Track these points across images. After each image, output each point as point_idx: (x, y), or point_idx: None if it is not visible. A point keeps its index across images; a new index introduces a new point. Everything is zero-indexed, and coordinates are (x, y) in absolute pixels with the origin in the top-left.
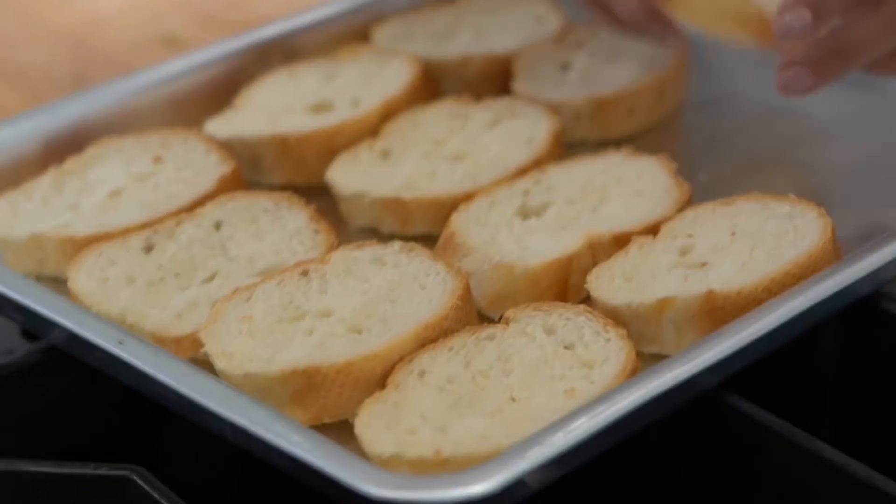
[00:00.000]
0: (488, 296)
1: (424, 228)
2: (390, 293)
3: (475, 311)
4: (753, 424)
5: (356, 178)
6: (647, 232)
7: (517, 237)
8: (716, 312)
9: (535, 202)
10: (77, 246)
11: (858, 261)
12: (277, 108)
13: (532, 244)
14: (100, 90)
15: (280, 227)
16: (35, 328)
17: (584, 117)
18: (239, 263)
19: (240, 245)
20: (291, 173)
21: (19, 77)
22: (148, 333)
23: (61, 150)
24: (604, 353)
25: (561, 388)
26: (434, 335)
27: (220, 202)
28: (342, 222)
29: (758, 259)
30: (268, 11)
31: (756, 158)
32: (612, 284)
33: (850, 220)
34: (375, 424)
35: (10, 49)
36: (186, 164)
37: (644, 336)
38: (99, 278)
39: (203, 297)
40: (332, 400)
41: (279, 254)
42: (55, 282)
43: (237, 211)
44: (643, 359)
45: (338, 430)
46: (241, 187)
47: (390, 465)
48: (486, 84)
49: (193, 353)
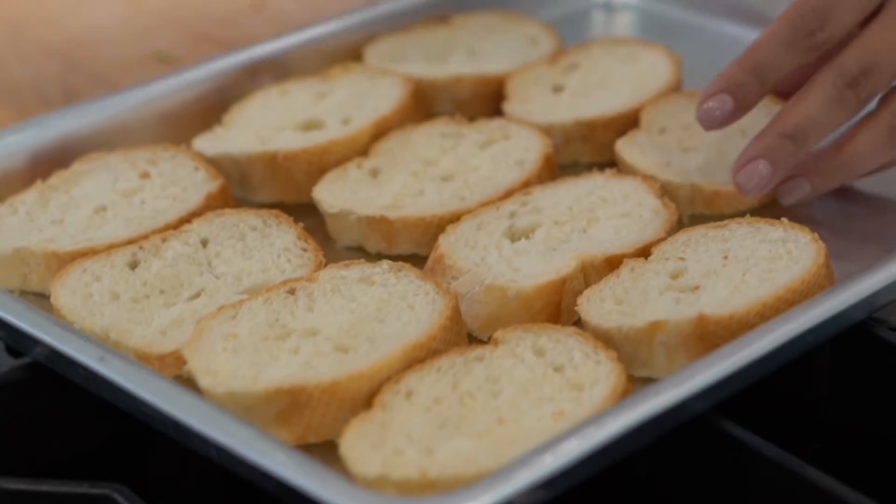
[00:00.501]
0: (480, 318)
1: (410, 248)
2: (378, 312)
3: (464, 332)
4: (745, 450)
5: (343, 195)
6: (639, 254)
7: (507, 259)
8: (707, 336)
9: (522, 224)
10: (61, 261)
11: (852, 286)
12: (267, 126)
13: (524, 266)
14: (88, 105)
15: (268, 245)
16: (17, 344)
17: (575, 140)
18: (225, 281)
19: (226, 262)
20: (280, 191)
21: (9, 93)
22: (132, 350)
23: (48, 164)
24: (594, 375)
25: (550, 411)
26: (422, 355)
27: (207, 219)
28: (331, 241)
29: (750, 283)
30: (261, 30)
31: None
32: (603, 307)
33: (843, 244)
34: (361, 445)
35: (0, 65)
36: (174, 181)
37: (635, 359)
38: (83, 294)
39: (188, 315)
40: (318, 420)
41: (266, 272)
42: (39, 297)
43: (224, 228)
44: (634, 382)
45: (323, 451)
46: (229, 205)
47: (376, 486)
48: (478, 105)
49: (177, 371)
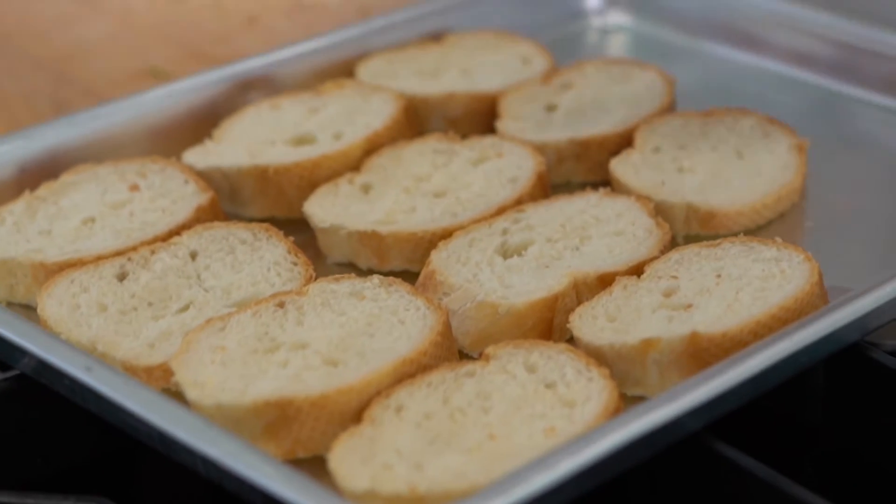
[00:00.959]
0: (471, 334)
1: (401, 264)
2: (368, 327)
3: (455, 348)
4: (736, 470)
5: (334, 210)
6: (632, 272)
7: (500, 276)
8: (700, 355)
9: (514, 241)
10: (49, 272)
11: (846, 307)
12: (258, 140)
13: (515, 283)
14: (77, 117)
15: (257, 259)
16: (3, 355)
17: (568, 159)
18: (214, 294)
19: (216, 275)
20: (270, 206)
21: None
22: (119, 362)
23: (36, 175)
24: (586, 392)
25: (541, 427)
26: (412, 370)
27: (196, 232)
28: (321, 257)
29: (743, 301)
30: (254, 47)
31: None
32: (596, 325)
33: (837, 265)
34: (350, 459)
35: None
36: (163, 193)
37: (627, 377)
38: (70, 305)
39: (176, 327)
40: (306, 433)
41: (255, 285)
42: (26, 308)
43: (214, 241)
44: (626, 400)
45: (312, 465)
46: (218, 218)
47: (365, 500)
48: (470, 123)
49: (165, 384)
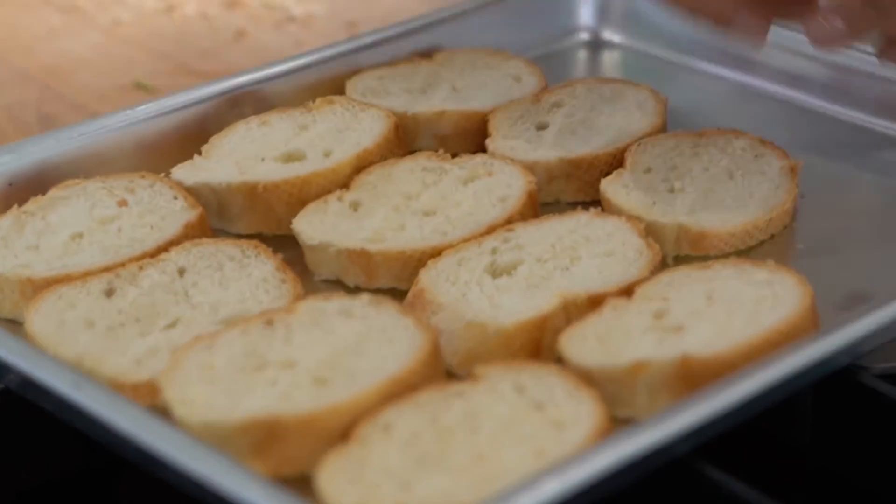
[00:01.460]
0: (459, 354)
1: (390, 282)
2: (357, 346)
3: (444, 368)
4: (725, 494)
5: (323, 228)
6: (622, 293)
7: (489, 295)
8: (691, 377)
9: (504, 260)
10: (36, 287)
11: (837, 332)
12: (247, 157)
13: (505, 303)
14: (66, 132)
15: (246, 276)
16: None
17: (558, 178)
18: (202, 311)
19: (204, 292)
20: (259, 223)
21: None
22: (106, 379)
23: (24, 190)
24: (575, 414)
25: (530, 448)
26: (401, 390)
27: (184, 248)
28: (310, 273)
29: (735, 324)
30: (241, 62)
31: None
32: (585, 346)
33: (828, 287)
34: (338, 478)
35: None
36: (152, 209)
37: (617, 399)
38: (57, 321)
39: (164, 344)
40: (294, 452)
41: (244, 302)
42: (12, 324)
43: (202, 257)
44: (615, 422)
45: (299, 484)
46: (207, 234)
47: None
48: (460, 141)
49: (152, 401)
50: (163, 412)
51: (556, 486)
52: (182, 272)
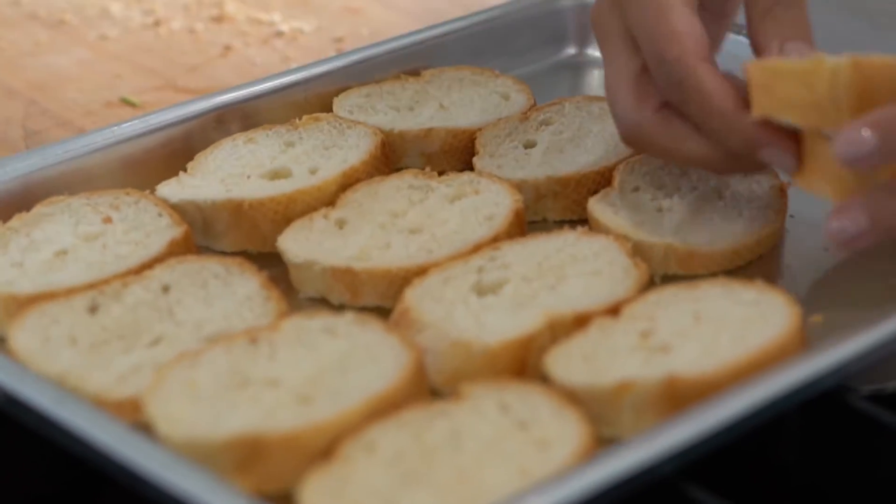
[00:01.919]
0: (444, 373)
1: (375, 300)
2: (341, 364)
3: (428, 386)
4: None
5: (308, 245)
6: (608, 313)
7: (474, 314)
8: (677, 398)
9: (490, 279)
10: (20, 304)
11: (825, 353)
12: (233, 174)
13: (490, 322)
14: (51, 148)
15: (230, 293)
16: None
17: (546, 196)
18: (186, 328)
19: (188, 309)
20: (244, 240)
21: None
22: (89, 395)
23: (9, 207)
24: (559, 433)
25: (514, 467)
26: (385, 408)
27: (169, 265)
28: (295, 291)
29: (722, 344)
30: (227, 79)
31: None
32: (571, 365)
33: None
34: (321, 496)
35: None
36: (136, 226)
37: (602, 419)
38: (41, 337)
39: (147, 361)
40: (277, 470)
41: (228, 320)
42: None
43: (187, 275)
44: (600, 442)
45: (282, 501)
46: (192, 252)
47: None
48: (448, 159)
49: (135, 418)
50: (146, 429)
51: None
52: (166, 289)
